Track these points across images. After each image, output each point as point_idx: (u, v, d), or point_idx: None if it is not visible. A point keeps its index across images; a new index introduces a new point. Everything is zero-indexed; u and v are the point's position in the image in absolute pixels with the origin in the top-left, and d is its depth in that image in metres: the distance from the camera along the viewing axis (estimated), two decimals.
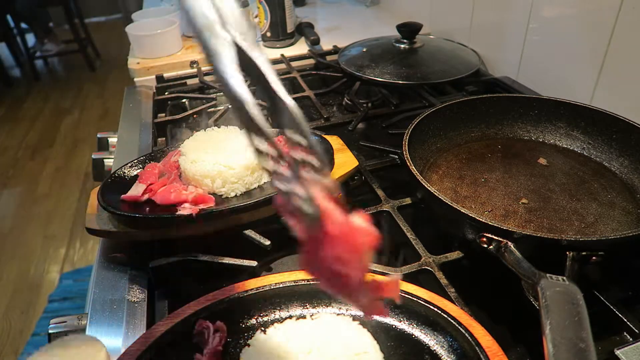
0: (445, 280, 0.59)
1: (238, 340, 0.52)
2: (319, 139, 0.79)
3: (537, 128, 0.86)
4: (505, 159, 0.81)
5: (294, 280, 0.55)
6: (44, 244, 2.51)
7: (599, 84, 0.90)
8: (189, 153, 0.71)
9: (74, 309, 2.09)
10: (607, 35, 0.85)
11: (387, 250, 0.72)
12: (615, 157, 0.77)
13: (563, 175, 0.76)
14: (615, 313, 0.55)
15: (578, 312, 0.43)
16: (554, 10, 0.98)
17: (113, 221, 0.66)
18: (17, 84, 4.45)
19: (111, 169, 0.93)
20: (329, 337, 0.47)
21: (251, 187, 0.71)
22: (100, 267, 0.65)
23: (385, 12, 1.73)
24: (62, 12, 4.31)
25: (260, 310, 0.54)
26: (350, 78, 1.13)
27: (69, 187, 2.94)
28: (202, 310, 0.52)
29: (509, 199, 0.72)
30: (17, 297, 2.20)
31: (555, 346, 0.40)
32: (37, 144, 3.45)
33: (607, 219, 0.67)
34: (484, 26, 1.23)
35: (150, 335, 0.49)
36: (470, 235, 0.59)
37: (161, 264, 0.64)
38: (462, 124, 0.86)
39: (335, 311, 0.54)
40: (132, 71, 1.33)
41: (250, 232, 0.67)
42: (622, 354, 0.48)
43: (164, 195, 0.67)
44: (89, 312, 0.59)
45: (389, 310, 0.53)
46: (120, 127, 1.04)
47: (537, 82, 1.07)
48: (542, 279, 0.48)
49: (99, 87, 4.27)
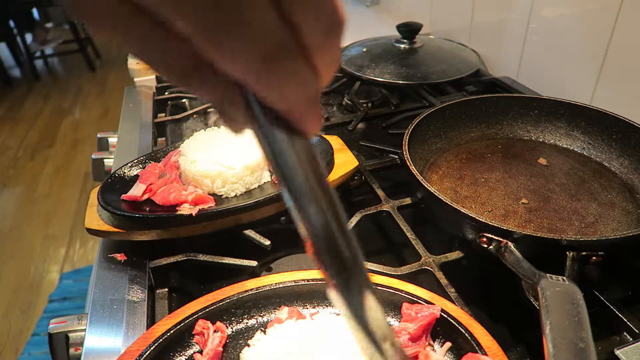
0: (445, 280, 0.59)
1: (238, 340, 0.52)
2: (319, 139, 0.79)
3: (537, 128, 0.86)
4: (505, 159, 0.81)
5: (294, 280, 0.55)
6: (44, 244, 2.51)
7: (599, 84, 0.90)
8: (189, 153, 0.71)
9: (74, 309, 2.09)
10: (607, 35, 0.85)
11: (387, 250, 0.73)
12: (615, 157, 0.77)
13: (563, 175, 0.76)
14: (615, 313, 0.55)
15: (578, 312, 0.43)
16: (554, 10, 0.98)
17: (113, 221, 0.66)
18: (17, 84, 4.45)
19: (111, 169, 0.93)
20: (329, 337, 0.47)
21: (251, 187, 0.71)
22: (100, 267, 0.65)
23: (385, 12, 1.73)
24: (62, 12, 4.31)
25: (260, 310, 0.54)
26: (350, 78, 1.13)
27: (69, 187, 2.94)
28: (202, 310, 0.52)
29: (509, 199, 0.72)
30: (17, 297, 2.20)
31: (555, 346, 0.40)
32: (37, 144, 3.45)
33: (607, 219, 0.67)
34: (484, 26, 1.23)
35: (150, 335, 0.49)
36: (470, 235, 0.59)
37: (161, 264, 0.64)
38: (462, 124, 0.86)
39: (335, 311, 0.54)
40: (132, 71, 1.33)
41: (250, 232, 0.67)
42: (622, 354, 0.48)
43: (164, 195, 0.67)
44: (89, 312, 0.58)
45: (388, 310, 0.53)
46: (120, 127, 1.04)
47: (537, 82, 1.07)
48: (542, 279, 0.48)
49: (99, 87, 4.27)
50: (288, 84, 0.20)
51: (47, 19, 5.58)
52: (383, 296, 0.53)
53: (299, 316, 0.53)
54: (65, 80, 4.50)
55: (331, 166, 0.74)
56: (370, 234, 0.75)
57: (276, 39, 0.19)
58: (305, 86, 0.21)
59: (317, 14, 0.20)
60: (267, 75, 0.20)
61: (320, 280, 0.55)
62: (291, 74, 0.20)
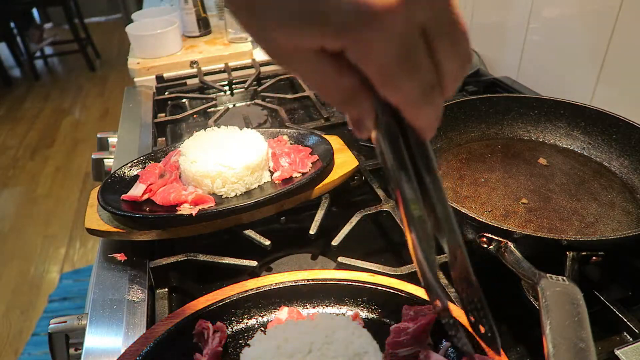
0: (445, 280, 0.59)
1: (238, 340, 0.52)
2: (319, 139, 0.79)
3: (537, 128, 0.86)
4: (505, 159, 0.81)
5: (294, 280, 0.55)
6: (44, 244, 2.51)
7: (599, 84, 0.90)
8: (189, 153, 0.71)
9: (74, 309, 2.09)
10: (607, 35, 0.85)
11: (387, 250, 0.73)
12: (615, 157, 0.77)
13: (563, 175, 0.76)
14: (615, 313, 0.55)
15: (578, 312, 0.43)
16: (554, 10, 0.98)
17: (113, 221, 0.66)
18: (17, 84, 4.44)
19: (111, 169, 0.93)
20: (329, 337, 0.47)
21: (251, 187, 0.71)
22: (100, 267, 0.65)
23: None
24: (62, 12, 4.32)
25: (260, 310, 0.54)
26: None
27: (69, 187, 2.94)
28: (202, 310, 0.52)
29: (509, 199, 0.72)
30: (17, 297, 2.20)
31: (555, 346, 0.40)
32: (37, 144, 3.45)
33: (607, 219, 0.67)
34: (484, 26, 1.23)
35: (150, 335, 0.49)
36: (470, 235, 0.59)
37: (161, 264, 0.64)
38: (462, 124, 0.86)
39: (335, 311, 0.54)
40: (132, 71, 1.33)
41: (250, 232, 0.67)
42: (622, 354, 0.48)
43: (164, 195, 0.67)
44: (89, 312, 0.58)
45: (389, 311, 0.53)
46: (120, 127, 1.04)
47: (537, 82, 1.07)
48: (542, 279, 0.48)
49: (99, 87, 4.26)
50: (430, 109, 0.29)
51: (47, 19, 5.58)
52: (383, 296, 0.53)
53: (299, 316, 0.53)
54: (65, 80, 4.50)
55: (331, 166, 0.74)
56: (370, 234, 0.75)
57: (430, 81, 0.27)
58: (439, 109, 0.30)
59: (457, 51, 0.28)
60: (420, 104, 0.28)
61: (320, 280, 0.55)
62: (433, 102, 0.28)
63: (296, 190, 0.69)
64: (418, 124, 0.30)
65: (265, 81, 1.19)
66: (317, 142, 0.79)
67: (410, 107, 0.28)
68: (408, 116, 0.29)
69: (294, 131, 0.83)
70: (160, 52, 1.35)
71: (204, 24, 1.50)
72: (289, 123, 0.97)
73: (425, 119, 0.30)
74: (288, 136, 0.81)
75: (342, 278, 0.55)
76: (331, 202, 0.73)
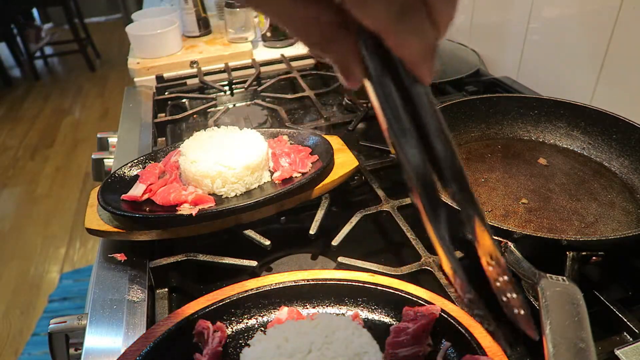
0: (445, 280, 0.59)
1: (238, 340, 0.52)
2: (319, 139, 0.79)
3: (537, 128, 0.86)
4: (505, 159, 0.81)
5: (294, 280, 0.55)
6: (44, 244, 2.51)
7: (599, 84, 0.90)
8: (189, 153, 0.71)
9: (74, 309, 2.09)
10: (607, 35, 0.85)
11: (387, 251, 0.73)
12: (615, 157, 0.77)
13: (563, 175, 0.76)
14: (615, 313, 0.55)
15: (578, 312, 0.43)
16: (554, 10, 0.98)
17: (113, 221, 0.66)
18: (17, 84, 4.44)
19: (111, 169, 0.93)
20: (329, 337, 0.47)
21: (251, 187, 0.71)
22: (100, 267, 0.65)
23: None
24: (62, 12, 4.31)
25: (260, 310, 0.54)
26: None
27: (69, 187, 2.94)
28: (202, 310, 0.52)
29: (509, 199, 0.72)
30: (17, 297, 2.20)
31: (555, 346, 0.40)
32: (37, 144, 3.45)
33: (607, 219, 0.67)
34: (484, 26, 1.23)
35: (150, 335, 0.49)
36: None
37: (161, 264, 0.64)
38: (462, 124, 0.86)
39: (335, 311, 0.54)
40: (132, 71, 1.33)
41: (250, 232, 0.67)
42: (622, 354, 0.48)
43: (164, 195, 0.67)
44: (89, 312, 0.58)
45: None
46: (120, 127, 1.04)
47: (537, 82, 1.07)
48: (542, 279, 0.48)
49: (99, 87, 4.26)
50: (413, 34, 0.25)
51: (47, 19, 5.58)
52: (383, 296, 0.53)
53: (299, 316, 0.53)
54: (65, 80, 4.50)
55: (331, 166, 0.74)
56: (370, 234, 0.75)
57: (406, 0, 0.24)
58: (426, 38, 0.26)
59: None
60: (397, 27, 0.25)
61: (320, 280, 0.55)
62: (416, 27, 0.25)
63: (296, 190, 0.69)
64: (402, 52, 0.26)
65: (265, 81, 1.19)
66: (317, 142, 0.79)
67: (388, 30, 0.25)
68: (390, 44, 0.26)
69: (294, 131, 0.83)
70: (160, 52, 1.35)
71: (204, 24, 1.51)
72: (289, 123, 0.97)
73: (410, 48, 0.26)
74: (288, 136, 0.81)
75: (342, 278, 0.55)
76: (331, 202, 0.73)
